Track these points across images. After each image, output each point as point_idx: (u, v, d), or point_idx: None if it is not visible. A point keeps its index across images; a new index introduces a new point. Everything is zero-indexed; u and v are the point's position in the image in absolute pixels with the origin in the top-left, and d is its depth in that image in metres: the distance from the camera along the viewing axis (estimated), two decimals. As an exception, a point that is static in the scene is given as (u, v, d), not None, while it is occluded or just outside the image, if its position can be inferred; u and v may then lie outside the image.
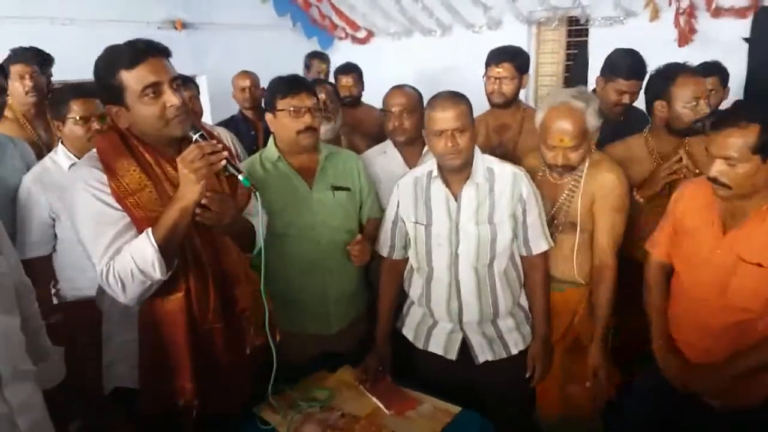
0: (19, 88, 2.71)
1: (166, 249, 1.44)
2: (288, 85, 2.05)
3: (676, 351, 1.87)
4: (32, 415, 1.35)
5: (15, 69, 2.68)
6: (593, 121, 1.95)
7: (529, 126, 2.56)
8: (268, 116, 2.10)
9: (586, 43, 4.68)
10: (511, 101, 2.73)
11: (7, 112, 2.42)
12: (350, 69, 3.87)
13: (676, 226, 1.90)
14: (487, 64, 2.76)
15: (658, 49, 3.75)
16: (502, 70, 2.65)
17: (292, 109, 2.01)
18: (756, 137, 1.58)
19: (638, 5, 4.19)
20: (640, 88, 2.62)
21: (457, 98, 1.91)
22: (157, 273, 1.45)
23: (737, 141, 1.60)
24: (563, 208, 2.09)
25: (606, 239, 2.04)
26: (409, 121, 2.34)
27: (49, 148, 2.69)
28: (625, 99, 2.62)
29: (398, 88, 2.45)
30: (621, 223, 2.05)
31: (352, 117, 3.53)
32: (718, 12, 3.86)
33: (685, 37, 3.96)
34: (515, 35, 5.00)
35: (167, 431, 1.65)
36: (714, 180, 1.67)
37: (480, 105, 2.93)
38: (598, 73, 2.78)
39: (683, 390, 1.82)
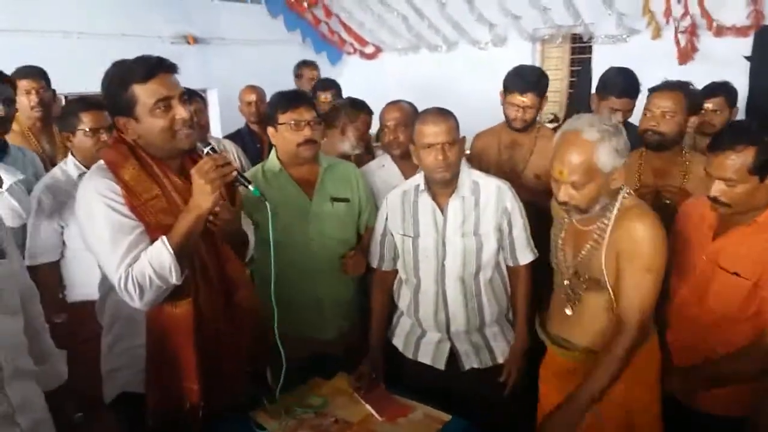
0: (25, 102, 2.81)
1: (180, 255, 1.50)
2: (288, 100, 2.12)
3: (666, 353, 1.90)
4: (33, 414, 1.40)
5: (22, 84, 2.77)
6: (608, 159, 1.58)
7: (541, 146, 2.62)
8: (270, 130, 2.17)
9: (590, 59, 4.74)
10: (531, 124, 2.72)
11: (13, 125, 2.51)
12: (328, 85, 3.90)
13: (676, 237, 1.92)
14: (509, 90, 2.64)
15: (660, 66, 3.82)
16: (527, 99, 2.58)
17: (292, 122, 2.08)
18: (753, 158, 1.62)
19: (641, 24, 4.26)
20: (633, 106, 2.68)
21: (446, 113, 1.97)
22: (173, 278, 1.51)
23: (735, 163, 1.65)
24: (585, 261, 1.74)
25: (628, 302, 1.63)
26: (404, 135, 2.41)
27: (53, 160, 2.78)
28: (618, 117, 2.64)
29: (393, 104, 2.52)
30: (650, 286, 1.62)
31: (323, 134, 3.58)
32: (719, 31, 3.91)
33: (686, 54, 4.02)
34: (520, 52, 5.09)
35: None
36: (714, 200, 1.72)
37: (485, 119, 2.98)
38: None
39: (666, 389, 1.84)
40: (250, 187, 1.60)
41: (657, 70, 2.85)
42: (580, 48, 4.90)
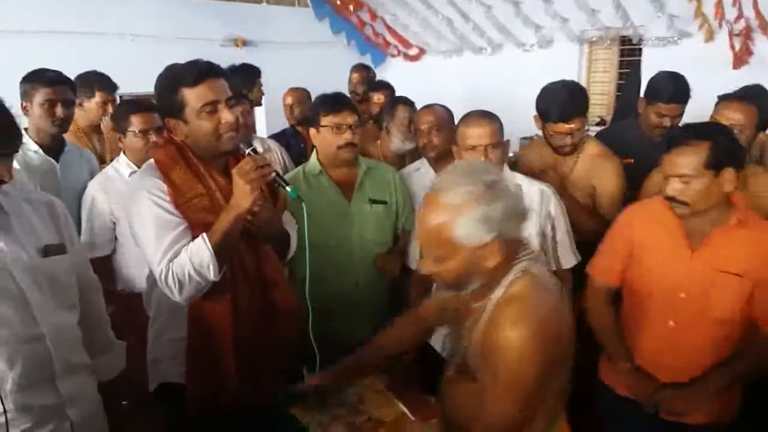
0: (96, 112, 3.00)
1: (219, 252, 1.57)
2: (331, 103, 2.17)
3: (645, 373, 1.85)
4: (84, 407, 1.48)
5: (100, 95, 2.98)
6: (470, 232, 1.23)
7: (582, 167, 2.42)
8: (312, 131, 2.22)
9: (639, 62, 4.63)
10: None
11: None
12: (382, 86, 3.90)
13: (634, 249, 1.87)
14: (548, 119, 2.35)
15: (713, 70, 3.71)
16: (574, 125, 2.31)
17: (334, 125, 2.13)
18: (707, 153, 1.64)
19: (693, 26, 4.13)
20: (682, 112, 2.60)
21: (490, 116, 1.99)
22: (211, 274, 1.57)
23: (689, 158, 1.66)
24: (459, 340, 1.48)
25: (484, 421, 1.34)
26: (438, 138, 2.42)
27: (102, 159, 2.92)
28: (666, 122, 2.58)
29: (427, 107, 2.54)
30: (508, 408, 1.29)
31: (378, 135, 3.60)
32: (775, 33, 3.76)
33: (741, 58, 3.88)
34: (566, 54, 5.01)
35: (211, 425, 1.76)
36: (672, 199, 1.70)
37: (529, 122, 2.95)
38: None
39: (658, 410, 1.79)
40: (288, 189, 1.65)
41: (709, 74, 2.80)
42: (629, 50, 4.79)
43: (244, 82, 3.36)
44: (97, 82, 3.00)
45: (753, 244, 1.69)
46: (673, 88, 2.57)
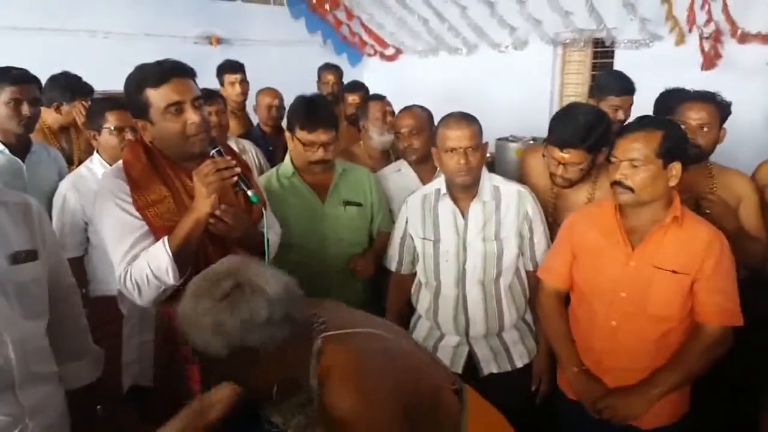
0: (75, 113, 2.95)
1: (179, 256, 1.54)
2: (307, 120, 2.09)
3: (592, 377, 1.85)
4: (45, 418, 1.43)
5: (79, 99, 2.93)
6: (214, 344, 1.17)
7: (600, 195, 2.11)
8: (287, 134, 2.19)
9: (611, 64, 4.70)
10: None
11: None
12: (357, 87, 3.87)
13: (576, 251, 1.90)
14: (548, 140, 2.04)
15: (683, 72, 3.77)
16: (569, 156, 1.99)
17: (308, 142, 2.10)
18: (659, 142, 1.68)
19: (664, 29, 4.21)
20: (632, 104, 2.72)
21: (469, 118, 1.98)
22: (170, 278, 1.54)
23: (641, 144, 1.69)
24: None
25: None
26: (419, 141, 2.42)
27: (70, 160, 2.87)
28: (620, 115, 2.67)
29: (407, 110, 2.53)
30: None
31: (358, 136, 3.59)
32: (744, 37, 3.85)
33: (710, 61, 3.96)
34: (541, 55, 5.07)
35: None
36: (619, 183, 1.73)
37: (504, 123, 2.97)
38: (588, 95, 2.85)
39: (605, 416, 1.78)
40: (249, 193, 1.63)
41: (680, 76, 2.85)
42: (602, 53, 4.86)
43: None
44: (76, 87, 2.95)
45: (688, 240, 1.72)
46: (621, 81, 2.71)
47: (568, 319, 1.95)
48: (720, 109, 2.14)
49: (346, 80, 4.24)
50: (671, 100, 2.40)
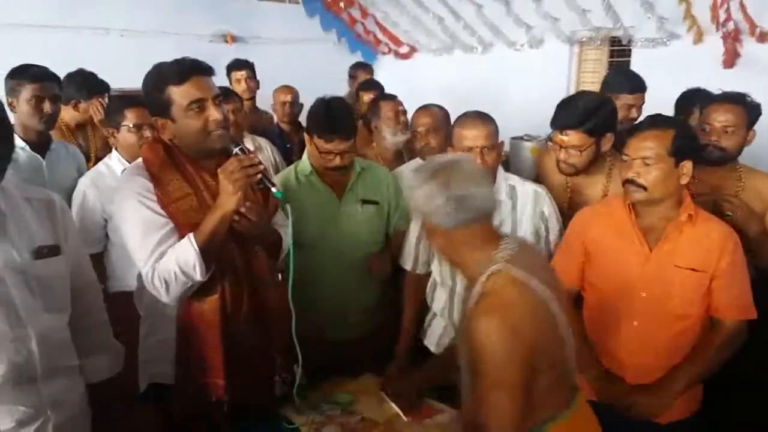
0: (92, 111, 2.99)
1: (205, 253, 1.56)
2: (325, 128, 2.07)
3: (614, 376, 1.87)
4: (65, 409, 1.46)
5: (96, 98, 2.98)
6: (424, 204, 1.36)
7: (616, 187, 2.06)
8: (306, 135, 2.19)
9: (628, 62, 4.66)
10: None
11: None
12: (372, 86, 3.87)
13: (590, 251, 1.89)
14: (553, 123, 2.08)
15: (701, 71, 3.73)
16: (569, 138, 2.02)
17: (324, 150, 2.09)
18: (671, 140, 1.70)
19: (682, 28, 4.16)
20: (644, 102, 2.71)
21: (485, 117, 1.98)
22: (197, 275, 1.56)
23: (653, 143, 1.71)
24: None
25: (485, 420, 1.31)
26: (436, 140, 2.42)
27: (87, 156, 2.90)
28: (633, 113, 2.67)
29: (424, 108, 2.53)
30: (506, 405, 1.28)
31: (369, 137, 3.58)
32: (763, 36, 3.80)
33: (729, 60, 3.91)
34: (557, 54, 5.03)
35: (200, 426, 1.74)
36: (631, 181, 1.74)
37: (519, 122, 2.95)
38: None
39: (630, 414, 1.80)
40: (273, 190, 1.64)
41: (698, 76, 2.83)
42: (619, 51, 4.81)
43: None
44: (93, 84, 2.99)
45: (702, 238, 1.73)
46: (633, 79, 2.72)
47: (582, 319, 1.95)
48: (748, 110, 2.12)
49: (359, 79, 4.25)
50: (696, 99, 2.38)
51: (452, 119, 2.06)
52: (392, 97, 2.91)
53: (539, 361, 1.30)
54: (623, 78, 2.75)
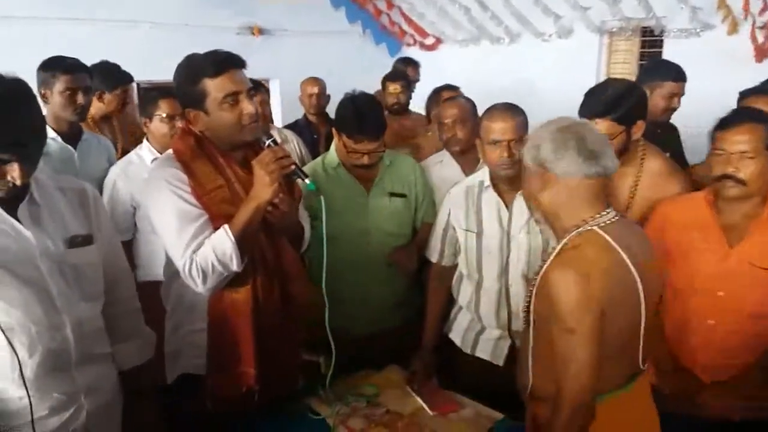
0: (117, 101, 3.04)
1: (241, 243, 1.57)
2: (354, 129, 2.06)
3: (688, 373, 1.84)
4: (99, 396, 1.49)
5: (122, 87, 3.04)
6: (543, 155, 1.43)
7: (648, 181, 2.01)
8: (335, 131, 2.18)
9: (660, 53, 4.57)
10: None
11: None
12: (398, 76, 3.86)
13: (671, 247, 1.84)
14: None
15: (736, 63, 3.64)
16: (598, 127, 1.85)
17: (352, 149, 2.09)
18: (764, 134, 1.66)
19: (716, 18, 4.06)
20: (684, 92, 2.71)
21: (514, 109, 1.95)
22: (234, 265, 1.57)
23: (751, 137, 1.66)
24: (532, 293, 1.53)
25: (559, 366, 1.39)
26: (463, 132, 2.39)
27: (114, 148, 2.93)
28: (675, 103, 2.65)
29: (451, 100, 2.51)
30: (578, 350, 1.35)
31: (399, 125, 3.56)
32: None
33: (763, 52, 3.80)
34: (586, 45, 4.96)
35: (231, 415, 1.76)
36: (730, 176, 1.68)
37: (547, 114, 2.89)
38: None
39: (704, 412, 1.79)
40: (307, 181, 1.64)
41: (732, 67, 2.77)
42: (651, 42, 4.71)
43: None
44: (118, 75, 3.03)
45: None
46: (676, 68, 2.69)
47: (659, 314, 1.91)
48: None
49: (384, 70, 4.23)
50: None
51: (483, 111, 2.03)
52: (455, 88, 2.91)
53: (609, 321, 1.34)
54: (668, 66, 2.72)
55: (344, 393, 1.95)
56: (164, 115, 2.42)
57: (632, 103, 1.93)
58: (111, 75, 3.00)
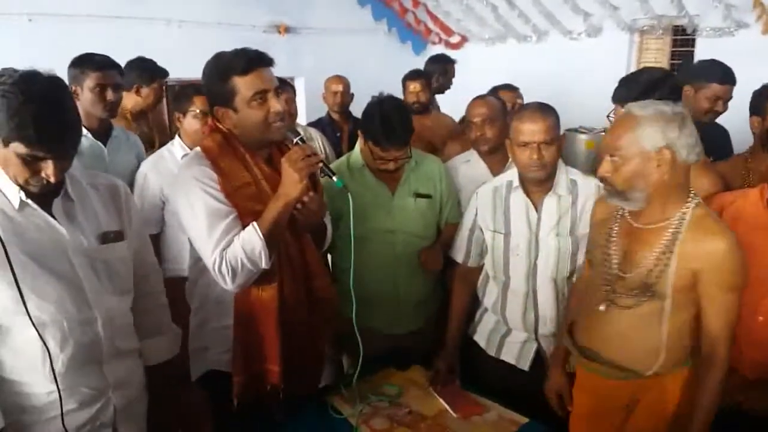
0: (153, 96, 3.09)
1: (269, 240, 1.57)
2: (381, 137, 2.04)
3: (735, 372, 1.79)
4: (127, 391, 1.51)
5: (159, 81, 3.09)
6: (652, 139, 1.48)
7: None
8: (361, 135, 2.17)
9: (692, 53, 4.47)
10: None
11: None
12: (418, 75, 3.81)
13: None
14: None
15: (768, 62, 3.53)
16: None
17: (378, 157, 2.09)
18: None
19: (751, 17, 3.95)
20: (731, 96, 2.58)
21: (546, 110, 1.91)
22: (262, 262, 1.58)
23: None
24: (643, 265, 1.55)
25: (719, 331, 1.51)
26: (491, 131, 2.36)
27: (152, 142, 3.00)
28: (719, 106, 2.55)
29: (480, 99, 2.48)
30: (735, 308, 1.51)
31: (419, 124, 3.53)
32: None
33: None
34: (615, 43, 4.87)
35: (255, 413, 1.77)
36: None
37: (574, 114, 2.86)
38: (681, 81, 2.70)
39: (745, 407, 1.76)
40: (334, 179, 1.64)
41: (764, 66, 2.67)
42: (682, 41, 4.61)
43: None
44: (155, 69, 3.08)
45: None
46: (724, 70, 2.58)
47: None
48: None
49: (410, 69, 4.20)
50: None
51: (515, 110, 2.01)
52: (514, 88, 2.93)
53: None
54: (714, 66, 2.59)
55: (366, 392, 1.94)
56: (198, 111, 2.46)
57: (665, 91, 1.93)
58: (148, 69, 3.05)
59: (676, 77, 2.09)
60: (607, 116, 2.08)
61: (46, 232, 1.34)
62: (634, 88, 1.96)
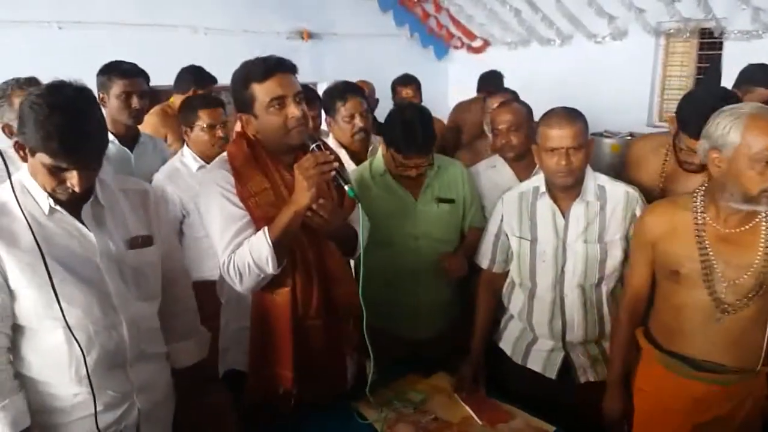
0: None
1: (278, 247, 1.58)
2: (403, 145, 2.05)
3: None
4: (151, 395, 1.53)
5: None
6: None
7: None
8: (383, 142, 2.16)
9: (719, 56, 4.39)
10: None
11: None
12: (409, 80, 3.83)
13: None
14: (684, 129, 1.94)
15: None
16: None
17: (400, 164, 2.09)
18: None
19: (781, 18, 3.88)
20: None
21: (574, 115, 1.87)
22: (270, 268, 1.59)
23: None
24: (759, 269, 1.57)
25: None
26: (517, 138, 2.33)
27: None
28: None
29: (505, 105, 2.45)
30: None
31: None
32: None
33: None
34: (641, 47, 4.82)
35: (267, 416, 1.78)
36: None
37: (596, 119, 2.82)
38: (732, 87, 2.64)
39: None
40: (347, 187, 1.63)
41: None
42: (710, 44, 4.53)
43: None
44: (206, 75, 3.28)
45: None
46: None
47: None
48: None
49: (432, 73, 4.21)
50: None
51: (541, 115, 1.97)
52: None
53: None
54: (761, 71, 2.60)
55: (391, 398, 1.93)
56: (205, 125, 2.46)
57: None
58: (201, 75, 3.24)
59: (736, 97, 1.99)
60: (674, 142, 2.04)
61: (75, 238, 1.36)
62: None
